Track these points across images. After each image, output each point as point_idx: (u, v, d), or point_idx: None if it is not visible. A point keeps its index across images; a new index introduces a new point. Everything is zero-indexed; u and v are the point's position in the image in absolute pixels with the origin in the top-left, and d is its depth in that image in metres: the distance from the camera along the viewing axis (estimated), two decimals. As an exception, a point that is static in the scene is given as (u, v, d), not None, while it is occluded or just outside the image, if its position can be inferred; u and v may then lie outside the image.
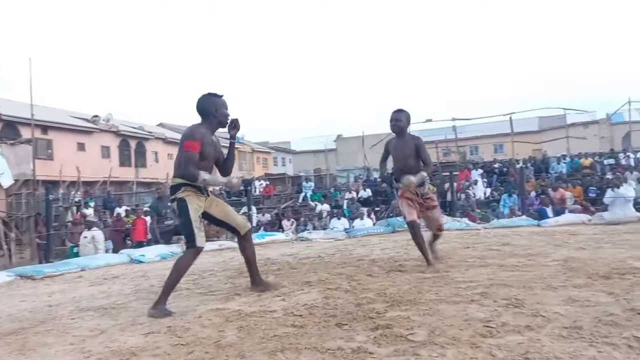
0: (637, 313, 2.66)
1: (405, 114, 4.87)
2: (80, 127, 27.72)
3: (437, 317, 2.86)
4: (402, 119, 4.84)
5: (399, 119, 4.83)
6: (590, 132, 32.12)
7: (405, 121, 4.85)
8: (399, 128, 4.85)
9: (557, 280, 3.68)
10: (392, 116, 4.87)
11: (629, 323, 2.51)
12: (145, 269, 6.13)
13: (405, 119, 4.86)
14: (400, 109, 4.91)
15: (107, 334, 3.01)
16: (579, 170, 17.89)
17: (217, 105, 3.75)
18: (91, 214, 15.88)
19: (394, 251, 6.29)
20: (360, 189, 18.97)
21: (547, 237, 6.74)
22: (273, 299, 3.70)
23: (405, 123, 4.86)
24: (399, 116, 4.84)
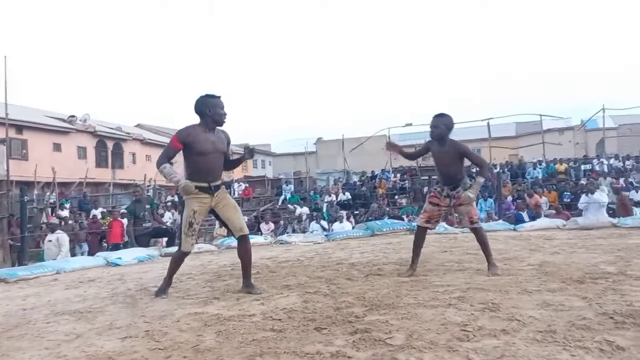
0: (609, 317, 2.72)
1: (444, 120, 4.59)
2: (56, 127, 27.31)
3: (415, 321, 2.89)
4: (440, 125, 4.57)
5: (436, 125, 4.58)
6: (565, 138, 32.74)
7: (443, 127, 4.57)
8: (438, 135, 4.60)
9: (532, 284, 3.75)
10: (431, 122, 4.63)
11: (601, 327, 2.57)
12: (122, 272, 6.06)
13: (443, 125, 4.57)
14: (441, 114, 4.65)
15: (83, 339, 2.97)
16: (554, 176, 18.21)
17: (210, 105, 3.97)
18: (66, 216, 15.63)
19: (373, 255, 6.32)
20: (340, 192, 19.03)
21: (523, 242, 6.85)
22: (252, 302, 3.69)
23: (444, 129, 4.57)
24: (436, 122, 4.59)
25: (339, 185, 20.76)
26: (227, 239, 9.29)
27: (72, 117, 28.74)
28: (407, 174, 22.43)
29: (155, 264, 6.81)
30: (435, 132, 4.61)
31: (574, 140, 34.57)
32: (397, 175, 22.72)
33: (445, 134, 4.59)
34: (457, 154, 4.58)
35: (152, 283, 4.96)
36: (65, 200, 19.25)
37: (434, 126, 4.61)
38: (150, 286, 4.77)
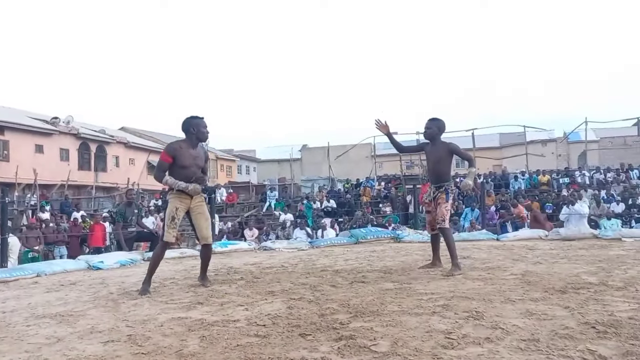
0: (591, 327, 2.76)
1: (436, 122, 5.29)
2: (39, 129, 27.01)
3: (399, 328, 2.89)
4: (432, 127, 5.25)
5: (429, 126, 5.27)
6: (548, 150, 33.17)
7: (435, 129, 5.25)
8: (429, 135, 5.28)
9: (515, 293, 3.78)
10: (425, 124, 5.31)
11: (584, 336, 2.60)
12: (104, 276, 5.99)
13: (436, 126, 5.26)
14: (434, 118, 5.33)
15: (65, 342, 2.93)
16: (537, 187, 18.41)
17: (194, 125, 4.69)
18: (47, 218, 15.43)
19: (357, 262, 6.33)
20: (324, 200, 19.03)
21: (506, 252, 6.92)
22: (236, 308, 3.68)
23: (435, 130, 5.25)
24: (429, 124, 5.28)
25: (324, 192, 20.77)
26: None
27: (55, 119, 28.44)
28: (391, 182, 22.51)
29: (138, 268, 6.74)
30: (427, 132, 5.30)
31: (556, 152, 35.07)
32: (381, 184, 22.79)
33: (436, 135, 5.26)
34: (446, 152, 5.19)
35: (135, 287, 4.92)
36: (46, 202, 18.97)
37: (427, 127, 5.29)
38: (133, 290, 4.73)
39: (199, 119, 4.74)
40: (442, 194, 5.17)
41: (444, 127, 5.32)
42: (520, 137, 26.37)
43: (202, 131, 4.71)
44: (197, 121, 4.71)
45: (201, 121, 4.73)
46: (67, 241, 13.72)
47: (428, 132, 5.28)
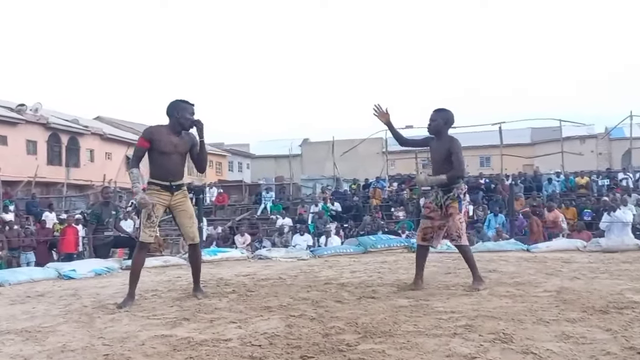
0: (637, 352, 2.76)
1: (442, 114, 5.10)
2: (2, 117, 27.07)
3: (415, 351, 2.90)
4: (437, 119, 5.08)
5: (434, 118, 5.10)
6: (587, 148, 33.13)
7: (441, 121, 5.07)
8: (434, 129, 5.12)
9: (549, 313, 3.78)
10: (430, 115, 5.14)
11: (628, 363, 2.60)
12: (77, 287, 6.01)
13: (441, 119, 5.07)
14: (440, 108, 5.16)
15: (32, 362, 2.94)
16: (574, 190, 18.38)
17: (180, 109, 4.71)
18: (11, 220, 15.50)
19: (366, 275, 6.33)
20: (328, 202, 19.04)
21: (538, 265, 6.90)
22: (227, 325, 3.69)
23: (441, 124, 5.07)
24: (434, 116, 5.11)
25: (327, 193, 20.80)
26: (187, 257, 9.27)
27: (22, 106, 28.51)
28: (405, 183, 22.51)
29: (115, 278, 6.76)
30: (431, 125, 5.13)
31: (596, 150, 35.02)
32: (393, 184, 22.79)
33: (442, 129, 5.09)
34: (446, 150, 4.99)
35: (111, 299, 4.94)
36: (9, 201, 19.09)
37: (431, 119, 5.13)
38: (110, 303, 4.74)
39: (186, 103, 4.77)
40: (453, 202, 4.95)
41: (451, 119, 5.14)
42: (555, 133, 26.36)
43: (186, 117, 4.72)
44: (185, 106, 4.75)
45: (189, 107, 4.76)
46: (34, 246, 13.77)
47: (432, 125, 5.12)
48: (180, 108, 4.71)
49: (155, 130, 4.71)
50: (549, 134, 32.16)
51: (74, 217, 15.08)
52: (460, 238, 4.99)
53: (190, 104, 4.79)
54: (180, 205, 4.81)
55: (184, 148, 4.77)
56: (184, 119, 4.70)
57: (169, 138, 4.67)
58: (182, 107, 4.72)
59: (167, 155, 4.67)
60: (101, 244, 8.46)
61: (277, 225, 16.73)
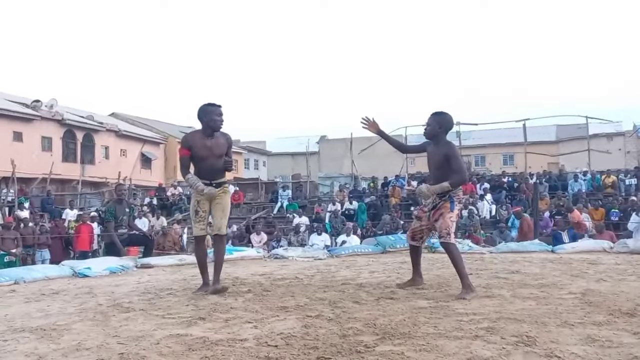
0: (664, 357, 2.72)
1: (438, 118, 5.05)
2: (18, 113, 27.44)
3: (435, 354, 2.89)
4: (432, 123, 5.05)
5: (429, 123, 5.08)
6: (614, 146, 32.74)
7: (435, 125, 5.03)
8: (429, 133, 5.10)
9: (574, 316, 3.75)
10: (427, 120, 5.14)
11: (656, 368, 2.57)
12: (91, 285, 6.08)
13: (436, 122, 5.03)
14: (437, 112, 5.12)
15: (46, 361, 2.98)
16: (600, 190, 18.18)
17: (207, 113, 5.14)
18: (26, 217, 15.70)
19: (385, 275, 6.33)
20: (346, 201, 19.03)
21: (563, 266, 6.85)
22: (243, 325, 3.70)
23: (436, 128, 5.03)
24: (429, 120, 5.08)
25: (345, 192, 20.79)
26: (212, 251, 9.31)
27: (37, 102, 28.85)
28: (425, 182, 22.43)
29: (130, 277, 6.84)
30: (426, 130, 5.13)
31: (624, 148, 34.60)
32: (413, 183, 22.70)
33: (437, 133, 5.05)
34: (443, 156, 4.94)
35: (127, 298, 4.99)
36: (24, 198, 19.32)
37: (427, 124, 5.12)
38: (124, 301, 4.79)
39: (213, 106, 5.18)
40: (446, 202, 4.94)
41: (447, 123, 5.09)
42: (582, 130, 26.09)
43: (215, 119, 5.13)
44: (211, 109, 5.16)
45: (215, 109, 5.17)
46: (49, 244, 13.94)
47: (427, 130, 5.10)
48: (208, 112, 5.13)
49: (190, 137, 5.25)
50: (574, 131, 31.85)
51: (89, 214, 15.24)
52: (448, 235, 4.94)
53: (216, 105, 5.19)
54: (218, 199, 5.22)
55: (219, 149, 5.16)
56: (213, 121, 5.11)
57: (203, 142, 5.12)
58: (210, 110, 5.14)
59: (204, 159, 5.12)
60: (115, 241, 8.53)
61: (293, 224, 16.76)
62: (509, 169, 29.13)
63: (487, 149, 39.39)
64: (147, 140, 35.97)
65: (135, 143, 34.86)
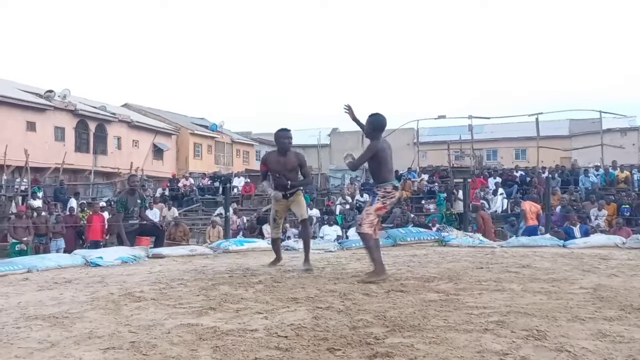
0: (676, 353, 2.71)
1: (369, 119, 5.67)
2: (31, 103, 27.58)
3: (445, 346, 2.89)
4: (366, 124, 5.73)
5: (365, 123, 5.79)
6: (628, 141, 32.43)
7: (368, 126, 5.68)
8: (365, 133, 5.81)
9: (585, 310, 3.74)
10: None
11: (667, 364, 2.56)
12: (103, 274, 6.12)
13: (368, 123, 5.68)
14: (371, 114, 5.72)
15: (59, 348, 3.01)
16: (613, 185, 18.04)
17: (278, 137, 6.40)
18: (39, 206, 15.83)
19: (395, 268, 6.33)
20: (357, 193, 19.01)
21: (574, 261, 6.82)
22: (254, 316, 3.72)
23: (369, 128, 5.66)
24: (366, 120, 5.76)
25: (356, 185, 20.75)
26: (223, 242, 9.35)
27: (50, 93, 28.99)
28: (435, 175, 22.36)
29: (141, 266, 6.88)
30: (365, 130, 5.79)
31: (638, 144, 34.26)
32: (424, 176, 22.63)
33: (370, 133, 5.64)
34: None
35: (138, 287, 5.02)
36: (37, 188, 19.46)
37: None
38: (136, 290, 4.83)
39: (281, 131, 6.36)
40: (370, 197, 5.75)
41: (377, 123, 5.61)
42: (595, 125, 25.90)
43: (281, 142, 6.33)
44: (280, 133, 6.36)
45: (282, 133, 6.34)
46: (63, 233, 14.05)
47: (364, 130, 5.80)
48: (279, 136, 6.36)
49: (268, 157, 6.51)
50: (588, 125, 31.64)
51: (100, 204, 15.34)
52: (360, 226, 5.54)
53: (286, 130, 6.38)
54: (294, 200, 6.42)
55: (291, 165, 6.31)
56: (282, 143, 6.33)
57: (277, 159, 6.33)
58: (280, 135, 6.35)
59: (278, 171, 6.27)
60: (126, 232, 8.58)
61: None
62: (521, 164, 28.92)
63: (499, 142, 39.14)
64: (159, 131, 36.08)
65: (147, 134, 34.98)
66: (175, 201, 20.25)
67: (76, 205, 16.95)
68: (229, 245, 8.81)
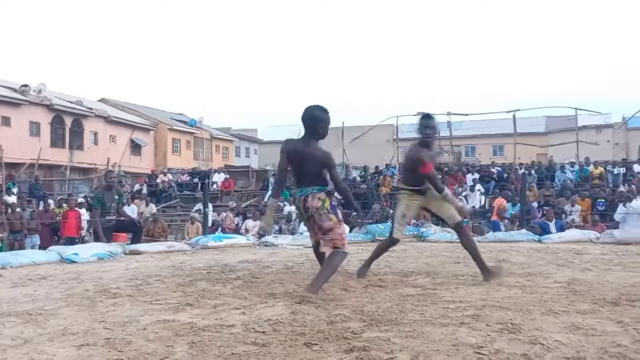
0: (647, 345, 2.76)
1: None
2: (6, 98, 27.18)
3: (421, 340, 2.91)
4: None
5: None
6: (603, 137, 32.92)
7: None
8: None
9: (558, 304, 3.78)
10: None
11: (638, 356, 2.60)
12: (79, 270, 6.06)
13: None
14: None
15: (33, 344, 2.98)
16: (588, 180, 18.28)
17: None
18: (14, 202, 15.61)
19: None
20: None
21: (549, 255, 6.91)
22: (231, 311, 3.71)
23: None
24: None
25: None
26: (202, 238, 9.31)
27: (25, 87, 28.61)
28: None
29: (118, 263, 6.82)
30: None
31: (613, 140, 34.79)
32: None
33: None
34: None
35: (114, 284, 4.98)
36: (12, 183, 19.20)
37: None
38: (112, 287, 4.79)
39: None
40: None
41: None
42: (571, 122, 26.21)
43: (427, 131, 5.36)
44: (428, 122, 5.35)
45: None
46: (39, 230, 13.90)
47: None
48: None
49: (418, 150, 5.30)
50: (564, 122, 32.01)
51: (77, 200, 15.18)
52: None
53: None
54: (430, 198, 5.28)
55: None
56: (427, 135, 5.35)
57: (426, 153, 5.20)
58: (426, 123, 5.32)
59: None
60: (103, 228, 8.51)
61: (284, 212, 16.74)
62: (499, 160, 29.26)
63: (477, 139, 39.51)
64: (137, 126, 35.77)
65: (124, 129, 34.66)
66: (153, 197, 20.12)
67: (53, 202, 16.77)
68: (208, 242, 8.78)
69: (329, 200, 4.44)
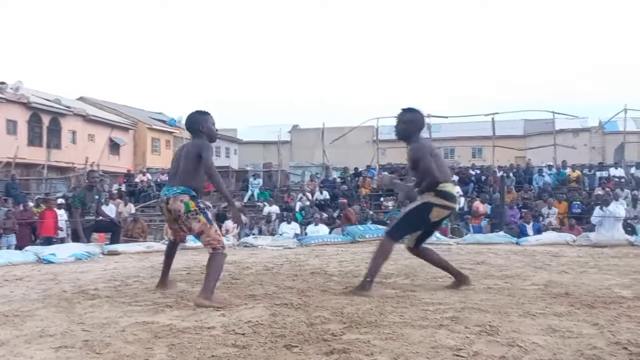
0: (622, 347, 2.80)
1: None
2: (-18, 95, 26.79)
3: (401, 342, 2.92)
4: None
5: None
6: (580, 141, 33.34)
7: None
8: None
9: (536, 306, 3.82)
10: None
11: (613, 358, 2.64)
12: (56, 271, 6.00)
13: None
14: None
15: (9, 347, 2.94)
16: (565, 183, 18.50)
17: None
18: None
19: (353, 264, 6.37)
20: (316, 190, 19.05)
21: (527, 258, 6.98)
22: (211, 313, 3.70)
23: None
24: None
25: (316, 182, 20.79)
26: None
27: (2, 85, 28.26)
28: (394, 173, 22.54)
29: (96, 264, 6.76)
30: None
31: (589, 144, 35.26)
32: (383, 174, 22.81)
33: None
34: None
35: (92, 285, 4.94)
36: (-12, 182, 18.93)
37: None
38: (90, 288, 4.75)
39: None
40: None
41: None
42: (548, 125, 26.48)
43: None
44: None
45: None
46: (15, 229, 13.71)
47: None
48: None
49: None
50: (541, 126, 32.34)
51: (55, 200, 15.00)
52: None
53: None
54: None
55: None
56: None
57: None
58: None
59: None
60: (82, 228, 8.43)
61: (264, 212, 16.72)
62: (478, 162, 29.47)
63: (456, 141, 39.73)
64: (116, 125, 35.48)
65: (103, 128, 34.36)
66: (132, 197, 19.95)
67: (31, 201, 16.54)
68: (187, 242, 8.72)
69: (193, 201, 4.24)
